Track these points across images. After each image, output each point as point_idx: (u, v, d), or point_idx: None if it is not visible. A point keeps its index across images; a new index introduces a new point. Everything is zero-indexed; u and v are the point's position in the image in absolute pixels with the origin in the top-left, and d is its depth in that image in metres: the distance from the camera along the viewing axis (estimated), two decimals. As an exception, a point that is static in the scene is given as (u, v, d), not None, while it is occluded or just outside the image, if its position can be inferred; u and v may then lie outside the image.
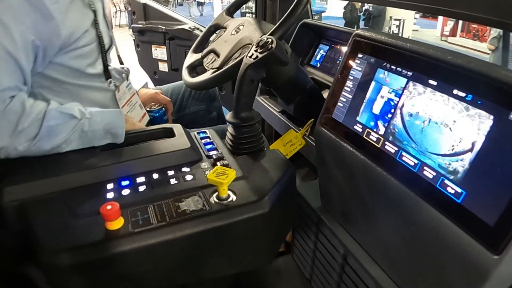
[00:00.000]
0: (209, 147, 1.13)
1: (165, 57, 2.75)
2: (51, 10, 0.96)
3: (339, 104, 0.95)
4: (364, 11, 12.61)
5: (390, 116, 0.81)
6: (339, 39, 1.62)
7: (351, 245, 1.05)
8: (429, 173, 0.71)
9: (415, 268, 0.84)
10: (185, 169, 1.01)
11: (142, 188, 0.94)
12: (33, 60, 0.98)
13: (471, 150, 0.64)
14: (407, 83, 0.79)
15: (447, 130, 0.69)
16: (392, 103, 0.81)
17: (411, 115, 0.76)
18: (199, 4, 18.84)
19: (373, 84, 0.87)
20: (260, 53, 1.01)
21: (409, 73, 0.79)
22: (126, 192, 0.92)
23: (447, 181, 0.67)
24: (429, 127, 0.72)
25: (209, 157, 1.07)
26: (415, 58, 0.78)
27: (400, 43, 0.82)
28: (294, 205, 1.24)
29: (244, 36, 1.29)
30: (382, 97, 0.84)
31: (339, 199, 1.07)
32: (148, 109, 1.55)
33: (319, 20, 2.25)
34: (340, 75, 0.97)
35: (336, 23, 1.69)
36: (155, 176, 0.98)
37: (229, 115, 1.10)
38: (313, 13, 1.96)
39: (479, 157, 0.63)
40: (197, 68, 1.43)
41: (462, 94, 0.67)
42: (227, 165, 1.02)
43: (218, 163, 1.03)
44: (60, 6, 0.99)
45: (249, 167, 1.03)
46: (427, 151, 0.72)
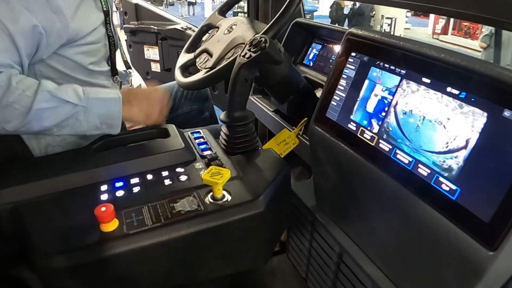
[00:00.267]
0: (203, 147, 1.13)
1: (157, 58, 2.75)
2: (61, 3, 0.98)
3: (333, 103, 0.95)
4: (349, 10, 12.71)
5: (384, 114, 0.81)
6: (331, 38, 1.62)
7: (347, 243, 1.05)
8: (423, 171, 0.71)
9: (410, 265, 0.84)
10: (180, 170, 1.00)
11: (136, 189, 0.93)
12: (34, 45, 0.98)
13: (465, 147, 0.65)
14: (401, 81, 0.79)
15: (441, 127, 0.69)
16: (385, 101, 0.81)
17: (405, 113, 0.77)
18: (189, 4, 18.80)
19: (366, 82, 0.87)
20: (253, 52, 1.01)
21: (403, 71, 0.79)
22: (120, 193, 0.92)
23: (441, 179, 0.68)
24: (423, 125, 0.73)
25: (203, 157, 1.07)
26: (409, 56, 0.78)
27: (393, 42, 0.82)
28: (289, 204, 1.24)
29: (237, 35, 1.29)
30: (375, 95, 0.84)
31: (333, 197, 1.08)
32: None
33: (311, 19, 2.25)
34: (333, 74, 0.97)
35: (328, 22, 1.69)
36: (149, 177, 0.97)
37: (223, 115, 1.10)
38: (305, 12, 1.95)
39: (473, 154, 0.63)
40: (190, 68, 1.43)
41: (455, 91, 0.68)
42: (221, 165, 1.02)
43: (212, 163, 1.03)
44: (70, 1, 1.01)
45: (243, 167, 1.03)
46: (421, 148, 0.72)
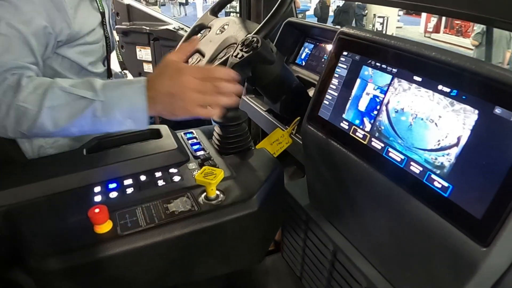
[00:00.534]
0: (196, 147, 1.13)
1: (149, 58, 2.74)
2: (64, 2, 0.99)
3: (325, 102, 0.95)
4: (336, 7, 12.85)
5: (376, 112, 0.82)
6: (323, 37, 1.62)
7: (340, 241, 1.05)
8: (416, 168, 0.71)
9: (404, 262, 0.84)
10: (173, 170, 1.00)
11: (129, 190, 0.93)
12: (45, 45, 0.98)
13: (456, 144, 0.65)
14: (392, 79, 0.79)
15: (432, 125, 0.70)
16: (377, 100, 0.82)
17: (397, 112, 0.77)
18: (180, 4, 18.76)
19: (358, 81, 0.87)
20: (245, 52, 1.01)
21: (394, 70, 0.79)
22: (114, 195, 0.92)
23: (434, 176, 0.68)
24: (414, 123, 0.73)
25: (197, 157, 1.07)
26: (400, 55, 0.78)
27: (384, 40, 0.83)
28: (282, 203, 1.24)
29: (229, 35, 1.29)
30: (367, 94, 0.84)
31: (327, 196, 1.08)
32: None
33: (304, 18, 2.25)
34: (325, 73, 0.97)
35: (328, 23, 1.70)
36: (143, 178, 0.97)
37: (216, 115, 1.10)
38: (297, 12, 1.96)
39: (465, 151, 0.64)
40: None
41: (446, 89, 0.68)
42: (214, 165, 1.02)
43: (205, 164, 1.03)
44: (70, 1, 1.01)
45: (236, 167, 1.03)
46: (413, 146, 0.72)
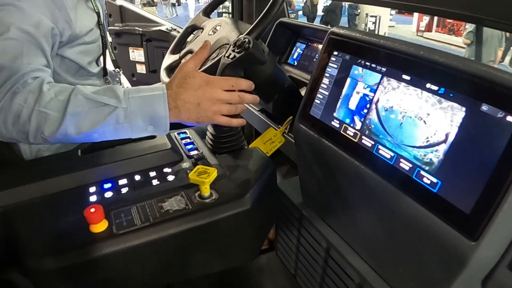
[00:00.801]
0: (189, 147, 1.13)
1: (142, 59, 2.74)
2: (65, 4, 1.00)
3: (316, 101, 0.96)
4: (323, 7, 12.97)
5: (366, 111, 0.83)
6: (315, 37, 1.63)
7: (334, 238, 1.06)
8: (405, 165, 0.73)
9: (396, 258, 0.86)
10: (167, 170, 1.01)
11: (124, 190, 0.94)
12: (51, 47, 0.99)
13: (445, 141, 0.66)
14: (382, 78, 0.80)
15: (421, 123, 0.71)
16: (367, 99, 0.83)
17: (386, 110, 0.78)
18: (173, 5, 18.73)
19: (348, 80, 0.88)
20: (237, 53, 1.02)
21: (383, 69, 0.80)
22: (109, 194, 0.92)
23: (423, 172, 0.69)
24: (404, 121, 0.74)
25: (190, 157, 1.08)
26: (389, 54, 0.79)
27: (373, 40, 0.84)
28: (275, 202, 1.25)
29: (221, 36, 1.30)
30: (357, 93, 0.86)
31: (319, 194, 1.09)
32: None
33: (296, 18, 2.26)
34: (316, 73, 0.98)
35: (316, 22, 1.70)
36: (137, 177, 0.98)
37: (209, 115, 1.10)
38: (289, 12, 1.97)
39: (453, 147, 0.65)
40: (175, 69, 1.43)
41: (434, 87, 0.69)
42: (208, 165, 1.02)
43: (199, 163, 1.03)
44: (70, 2, 1.03)
45: (230, 166, 1.04)
46: (402, 143, 0.74)
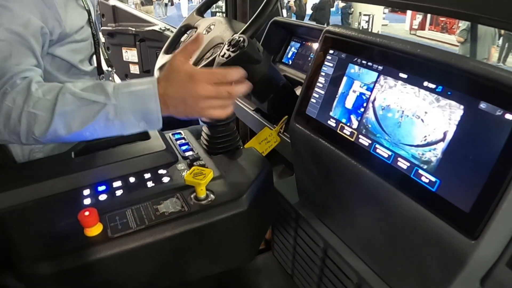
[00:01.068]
0: (184, 148, 1.13)
1: (136, 59, 2.73)
2: (55, 2, 0.99)
3: (312, 100, 0.96)
4: (312, 5, 13.14)
5: (362, 110, 0.82)
6: (310, 36, 1.63)
7: (331, 238, 1.06)
8: (403, 164, 0.72)
9: (394, 257, 0.85)
10: (162, 171, 1.00)
11: (119, 192, 0.93)
12: (41, 46, 0.98)
13: (443, 139, 0.66)
14: (378, 77, 0.80)
15: (419, 121, 0.70)
16: (364, 97, 0.82)
17: (383, 108, 0.78)
18: (165, 5, 18.75)
19: (345, 79, 0.88)
20: (232, 52, 1.02)
21: (380, 67, 0.80)
22: (103, 197, 0.91)
23: (421, 171, 0.69)
24: (401, 119, 0.74)
25: (185, 158, 1.07)
26: (385, 52, 0.79)
27: (370, 38, 0.83)
28: (272, 202, 1.24)
29: (215, 35, 1.29)
30: (354, 91, 0.85)
31: (316, 193, 1.08)
32: None
33: (290, 17, 2.25)
34: (312, 72, 0.97)
35: (306, 20, 1.70)
36: (132, 179, 0.97)
37: (203, 115, 1.10)
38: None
39: (451, 146, 0.65)
40: None
41: (432, 85, 0.69)
42: (203, 165, 1.02)
43: (194, 164, 1.03)
44: (59, 0, 1.01)
45: (226, 166, 1.03)
46: (400, 142, 0.73)
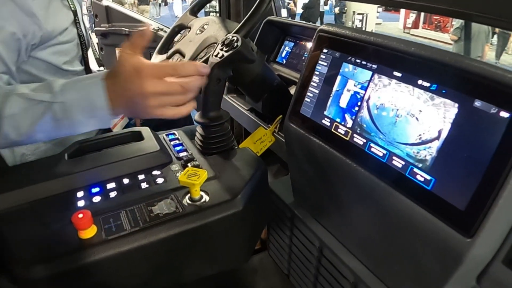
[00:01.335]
0: (178, 148, 1.12)
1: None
2: (32, 6, 0.97)
3: (306, 99, 0.96)
4: (303, 4, 13.29)
5: (357, 109, 0.82)
6: (303, 35, 1.63)
7: (326, 238, 1.06)
8: (398, 163, 0.72)
9: (390, 256, 0.85)
10: (156, 172, 0.99)
11: (113, 194, 0.92)
12: (16, 52, 0.97)
13: (438, 138, 0.66)
14: (372, 75, 0.80)
15: (413, 120, 0.70)
16: (358, 96, 0.82)
17: (378, 107, 0.77)
18: (159, 5, 18.80)
19: (339, 78, 0.88)
20: (225, 51, 1.01)
21: (374, 66, 0.80)
22: (97, 199, 0.90)
23: (416, 169, 0.69)
24: (396, 118, 0.74)
25: (180, 158, 1.06)
26: (379, 51, 0.79)
27: (363, 37, 0.83)
28: (267, 202, 1.24)
29: (209, 35, 1.29)
30: (348, 90, 0.85)
31: (311, 193, 1.08)
32: None
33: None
34: (306, 71, 0.97)
35: (298, 19, 1.70)
36: (126, 181, 0.96)
37: (197, 115, 1.09)
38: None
39: (446, 144, 0.65)
40: None
41: (426, 84, 0.69)
42: (198, 166, 1.01)
43: (189, 164, 1.02)
44: (40, 2, 1.00)
45: (220, 167, 1.03)
46: (395, 141, 0.73)
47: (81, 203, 0.89)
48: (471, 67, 0.62)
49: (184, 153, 1.09)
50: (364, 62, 0.82)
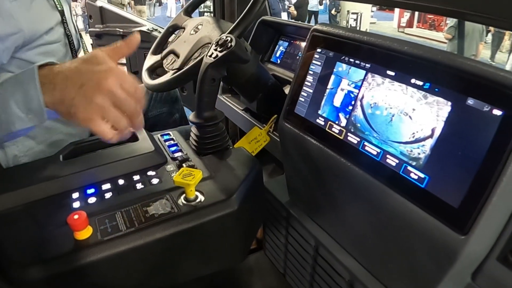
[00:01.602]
0: (173, 149, 1.12)
1: (124, 60, 2.71)
2: (10, 8, 0.94)
3: (301, 99, 0.96)
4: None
5: (351, 108, 0.82)
6: (297, 35, 1.63)
7: (322, 236, 1.06)
8: (392, 161, 0.72)
9: (385, 254, 0.85)
10: (151, 173, 0.99)
11: (108, 195, 0.92)
12: None
13: (431, 136, 0.66)
14: (366, 75, 0.80)
15: (407, 118, 0.71)
16: (352, 95, 0.82)
17: (371, 106, 0.78)
18: (153, 5, 18.81)
19: (332, 77, 0.88)
20: (219, 52, 1.01)
21: (367, 65, 0.80)
22: (92, 200, 0.90)
23: (410, 168, 0.69)
24: (389, 117, 0.74)
25: (174, 159, 1.06)
26: (373, 50, 0.79)
27: (357, 36, 0.83)
28: (262, 201, 1.24)
29: (203, 35, 1.29)
30: (342, 89, 0.85)
31: (306, 192, 1.08)
32: None
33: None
34: (300, 70, 0.97)
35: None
36: (121, 182, 0.96)
37: (192, 116, 1.09)
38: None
39: (440, 142, 0.65)
40: (157, 70, 1.41)
41: (419, 82, 0.69)
42: (193, 166, 1.01)
43: (184, 165, 1.02)
44: (20, 3, 0.98)
45: (215, 167, 1.03)
46: (388, 139, 0.73)
47: (76, 204, 0.89)
48: (463, 65, 0.63)
49: (179, 154, 1.09)
50: (357, 61, 0.82)
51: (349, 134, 0.82)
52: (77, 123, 0.74)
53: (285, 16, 13.04)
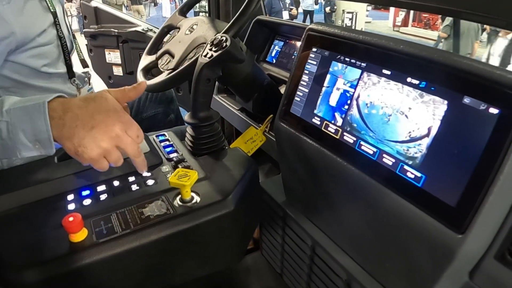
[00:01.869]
0: (169, 149, 1.12)
1: (119, 61, 2.71)
2: (2, 11, 0.94)
3: (296, 98, 0.95)
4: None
5: (346, 107, 0.82)
6: (293, 34, 1.63)
7: (319, 236, 1.06)
8: (388, 160, 0.72)
9: (382, 253, 0.85)
10: (146, 174, 0.99)
11: (103, 196, 0.91)
12: None
13: (427, 135, 0.66)
14: (362, 74, 0.80)
15: (403, 117, 0.70)
16: (348, 95, 0.82)
17: (367, 105, 0.78)
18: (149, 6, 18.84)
19: (328, 77, 0.88)
20: (215, 52, 1.01)
21: (363, 64, 0.80)
22: (87, 202, 0.90)
23: (406, 167, 0.69)
24: (385, 116, 0.74)
25: (170, 160, 1.06)
26: (368, 49, 0.79)
27: (352, 36, 0.83)
28: (259, 201, 1.24)
29: (198, 35, 1.28)
30: (338, 89, 0.85)
31: (302, 192, 1.08)
32: None
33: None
34: (295, 70, 0.97)
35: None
36: (116, 183, 0.96)
37: (187, 116, 1.09)
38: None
39: (436, 141, 0.65)
40: (152, 70, 1.41)
41: (415, 81, 0.69)
42: (188, 167, 1.01)
43: (179, 166, 1.02)
44: (12, 6, 0.97)
45: (211, 167, 1.02)
46: (385, 139, 0.73)
47: (71, 206, 0.88)
48: (459, 64, 0.62)
49: (174, 154, 1.09)
50: (353, 60, 0.82)
51: (345, 133, 0.82)
52: (80, 160, 0.79)
53: (286, 15, 13.09)
